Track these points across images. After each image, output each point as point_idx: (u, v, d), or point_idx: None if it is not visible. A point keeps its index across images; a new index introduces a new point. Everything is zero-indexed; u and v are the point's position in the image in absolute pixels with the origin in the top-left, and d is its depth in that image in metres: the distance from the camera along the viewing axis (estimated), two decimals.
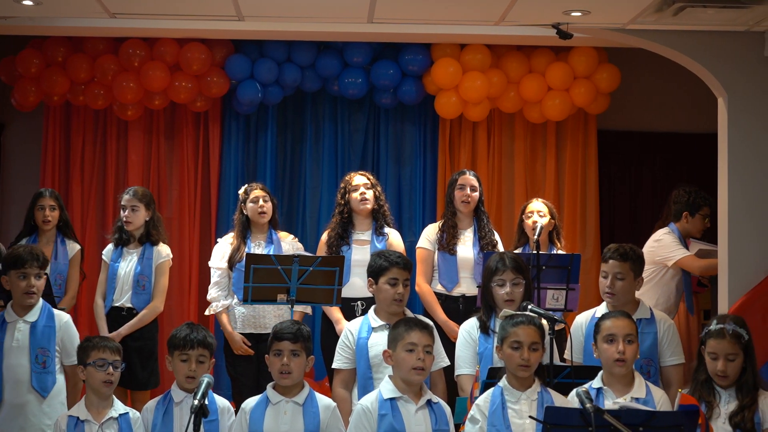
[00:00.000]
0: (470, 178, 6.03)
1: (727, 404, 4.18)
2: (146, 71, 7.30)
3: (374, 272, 4.80)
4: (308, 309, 5.97)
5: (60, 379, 4.85)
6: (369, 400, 4.22)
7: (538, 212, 6.06)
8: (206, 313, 6.10)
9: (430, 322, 4.55)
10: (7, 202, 7.84)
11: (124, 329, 5.87)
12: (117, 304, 5.98)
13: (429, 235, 6.03)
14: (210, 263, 6.11)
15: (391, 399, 4.16)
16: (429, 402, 4.21)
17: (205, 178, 7.74)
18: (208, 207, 7.73)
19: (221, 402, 4.39)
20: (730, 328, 4.22)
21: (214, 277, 6.03)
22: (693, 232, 6.37)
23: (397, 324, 4.33)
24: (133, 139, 7.68)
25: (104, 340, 4.49)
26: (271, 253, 5.79)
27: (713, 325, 4.27)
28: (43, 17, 6.28)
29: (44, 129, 7.67)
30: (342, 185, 6.07)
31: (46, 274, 4.96)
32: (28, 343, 4.79)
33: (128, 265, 6.00)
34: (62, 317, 4.92)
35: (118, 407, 4.36)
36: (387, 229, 6.00)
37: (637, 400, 4.13)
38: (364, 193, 5.95)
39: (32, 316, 4.83)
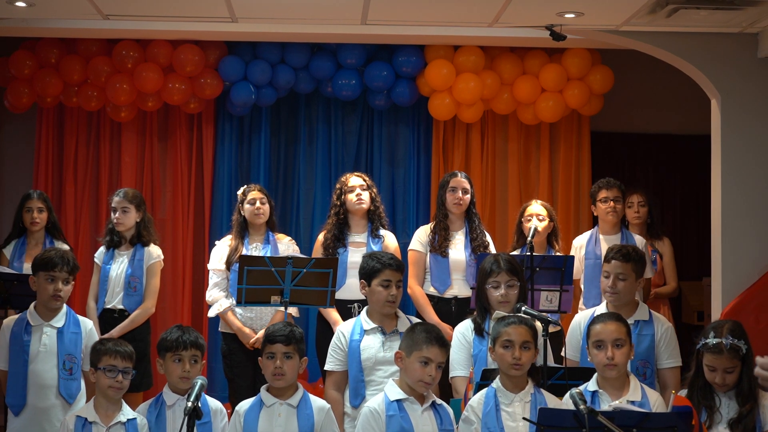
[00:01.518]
0: (462, 180, 6.02)
1: (728, 408, 4.16)
2: (139, 73, 7.29)
3: (366, 274, 4.79)
4: (291, 310, 5.91)
5: (82, 384, 4.88)
6: (375, 402, 4.21)
7: (537, 216, 6.04)
8: (210, 314, 6.05)
9: (409, 321, 4.60)
10: (0, 204, 7.81)
11: (116, 331, 5.85)
12: (109, 306, 5.98)
13: (420, 237, 6.02)
14: (209, 265, 6.09)
15: (398, 400, 4.15)
16: (433, 403, 4.21)
17: (199, 179, 7.72)
18: (202, 209, 7.71)
19: (214, 404, 4.39)
20: (728, 343, 4.12)
21: (213, 278, 6.01)
22: (605, 220, 6.14)
23: (415, 329, 4.25)
24: (127, 141, 7.67)
25: (117, 344, 4.46)
26: (267, 254, 5.78)
27: (710, 339, 4.17)
28: (35, 18, 6.27)
29: (37, 131, 7.65)
30: (338, 186, 6.06)
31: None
32: (56, 350, 4.82)
33: (119, 266, 6.00)
34: (87, 324, 4.97)
35: (127, 412, 4.36)
36: (383, 231, 6.00)
37: (632, 402, 4.12)
38: (360, 194, 5.94)
39: (58, 321, 4.87)
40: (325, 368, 4.82)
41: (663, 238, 6.69)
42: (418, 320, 4.99)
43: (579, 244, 6.21)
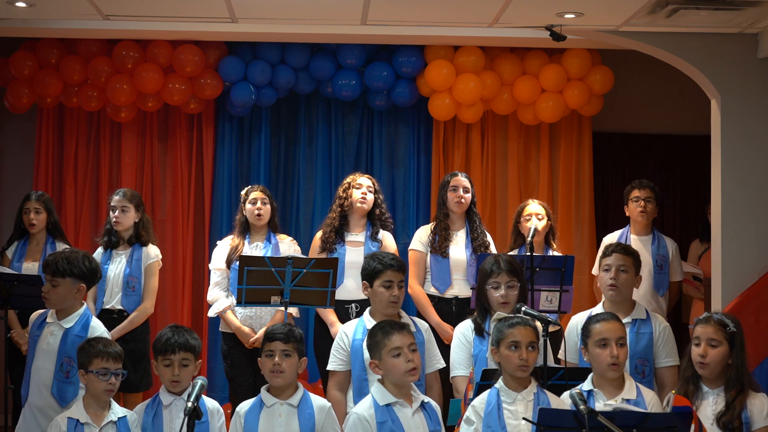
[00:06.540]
0: (462, 179, 6.03)
1: (714, 404, 4.17)
2: (140, 73, 7.29)
3: (368, 275, 4.79)
4: (292, 310, 5.91)
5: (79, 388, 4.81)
6: (363, 407, 4.18)
7: (537, 215, 6.05)
8: (209, 314, 6.06)
9: (413, 321, 4.61)
10: (0, 205, 7.81)
11: (115, 333, 5.84)
12: (107, 307, 5.99)
13: (421, 237, 6.03)
14: (210, 265, 6.11)
15: (387, 405, 4.14)
16: (422, 404, 4.20)
17: (199, 180, 7.72)
18: (202, 209, 7.71)
19: (211, 404, 4.39)
20: (717, 317, 4.26)
21: (215, 277, 6.02)
22: (636, 220, 6.29)
23: (372, 332, 4.29)
24: (127, 141, 7.67)
25: (107, 346, 4.44)
26: (268, 254, 5.78)
27: (704, 315, 4.31)
28: (35, 19, 6.27)
29: (37, 131, 7.64)
30: (347, 180, 6.08)
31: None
32: (57, 349, 4.78)
33: (117, 267, 6.01)
34: (96, 329, 4.86)
35: (117, 410, 4.38)
36: (382, 233, 6.01)
37: (627, 401, 4.13)
38: (365, 194, 5.97)
39: (69, 322, 4.83)
40: (328, 368, 4.82)
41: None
42: (420, 320, 5.01)
43: (609, 243, 6.19)
